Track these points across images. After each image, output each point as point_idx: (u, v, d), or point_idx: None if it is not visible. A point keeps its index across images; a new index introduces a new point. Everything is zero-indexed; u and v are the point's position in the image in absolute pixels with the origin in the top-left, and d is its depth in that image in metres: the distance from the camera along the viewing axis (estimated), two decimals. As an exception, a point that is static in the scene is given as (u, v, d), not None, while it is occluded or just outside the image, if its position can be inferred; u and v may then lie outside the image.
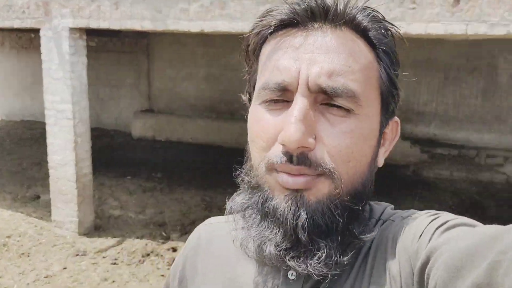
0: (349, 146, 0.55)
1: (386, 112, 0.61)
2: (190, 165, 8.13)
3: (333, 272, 0.55)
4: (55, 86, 4.95)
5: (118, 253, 4.75)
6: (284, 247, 0.55)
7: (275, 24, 0.58)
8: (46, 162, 5.24)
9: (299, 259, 0.55)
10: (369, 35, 0.59)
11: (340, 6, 0.58)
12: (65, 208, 5.08)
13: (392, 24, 0.62)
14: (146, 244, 4.96)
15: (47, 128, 5.09)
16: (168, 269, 4.42)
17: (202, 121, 9.76)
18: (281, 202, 0.56)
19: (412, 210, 0.61)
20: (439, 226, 0.53)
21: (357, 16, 0.58)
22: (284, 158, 0.54)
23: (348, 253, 0.56)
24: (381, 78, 0.59)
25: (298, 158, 0.54)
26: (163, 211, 6.03)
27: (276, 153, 0.55)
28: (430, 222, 0.54)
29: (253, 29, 0.61)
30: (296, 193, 0.55)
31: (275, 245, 0.55)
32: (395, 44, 0.61)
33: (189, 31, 4.16)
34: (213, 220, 0.79)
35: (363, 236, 0.57)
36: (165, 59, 10.38)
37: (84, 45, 5.02)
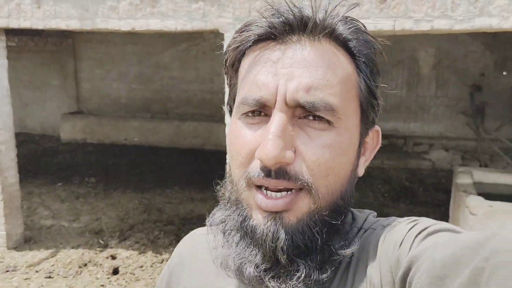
0: (328, 159, 0.55)
1: (366, 123, 0.61)
2: (126, 167, 7.88)
3: None
4: (-27, 91, 4.58)
5: (53, 265, 4.49)
6: (263, 268, 0.55)
7: (253, 39, 0.58)
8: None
9: (279, 280, 0.55)
10: (349, 46, 0.59)
11: (319, 17, 0.58)
12: (-9, 222, 4.73)
13: (373, 37, 0.62)
14: (83, 254, 4.74)
15: (-35, 136, 4.70)
16: (108, 278, 4.25)
17: (136, 122, 9.47)
18: (260, 223, 0.55)
19: (392, 218, 0.61)
20: (418, 233, 0.52)
21: (337, 28, 0.58)
22: (262, 173, 0.55)
23: (327, 269, 0.56)
24: (361, 89, 0.59)
25: (276, 173, 0.54)
26: (99, 218, 5.79)
27: (255, 168, 0.55)
28: (409, 230, 0.54)
29: (231, 44, 0.61)
30: (276, 214, 0.55)
31: (254, 267, 0.55)
32: (375, 54, 0.61)
33: (120, 30, 4.00)
34: (198, 232, 0.78)
35: (342, 251, 0.57)
36: (93, 58, 9.96)
37: (4, 46, 4.68)
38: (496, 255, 0.40)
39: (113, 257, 4.69)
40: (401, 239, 0.53)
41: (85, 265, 4.52)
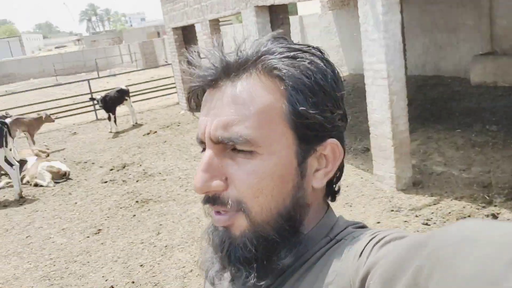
0: (254, 184, 0.62)
1: (305, 141, 0.64)
2: (537, 116, 6.91)
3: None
4: (372, 48, 5.15)
5: (432, 213, 4.68)
6: (219, 271, 0.67)
7: (196, 91, 0.69)
8: (368, 119, 5.59)
9: (229, 282, 0.68)
10: (276, 74, 0.62)
11: (243, 52, 0.64)
12: (384, 164, 5.35)
13: (314, 53, 0.66)
14: (464, 207, 4.68)
15: (366, 88, 5.41)
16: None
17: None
18: (217, 235, 0.66)
19: (362, 230, 0.64)
20: (376, 243, 0.56)
21: (261, 59, 0.63)
22: (204, 200, 0.65)
23: (268, 276, 0.64)
24: (287, 114, 0.62)
25: (212, 199, 0.64)
26: (490, 171, 5.47)
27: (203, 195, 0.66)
28: (369, 241, 0.57)
29: (188, 90, 0.71)
30: (225, 228, 0.65)
31: (215, 270, 0.67)
32: (313, 74, 0.63)
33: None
34: None
35: (283, 262, 0.63)
36: (510, -10, 8.91)
37: (397, 2, 4.96)
38: (435, 251, 0.41)
39: (495, 216, 4.40)
40: (361, 250, 0.57)
41: (464, 218, 4.46)
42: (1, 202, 7.19)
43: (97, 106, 12.17)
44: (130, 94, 11.98)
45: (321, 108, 0.64)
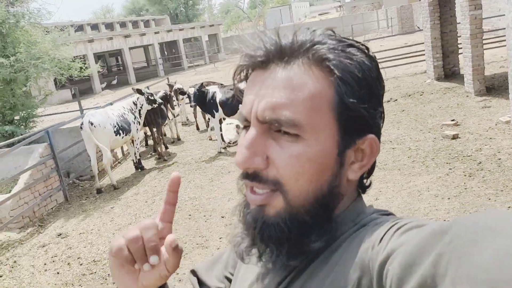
0: (295, 167, 0.63)
1: (348, 133, 0.65)
2: None
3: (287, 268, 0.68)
4: None
5: None
6: (249, 247, 0.69)
7: (247, 68, 0.70)
8: None
9: (260, 258, 0.69)
10: (326, 64, 0.64)
11: (296, 41, 0.65)
12: None
13: (362, 49, 0.67)
14: None
15: None
16: None
17: None
18: (249, 213, 0.68)
19: (385, 217, 0.66)
20: (398, 229, 0.56)
21: (313, 48, 0.64)
22: (243, 175, 0.68)
23: (298, 258, 0.66)
24: (334, 104, 0.64)
25: (251, 176, 0.66)
26: None
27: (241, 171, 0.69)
28: (391, 227, 0.58)
29: (235, 71, 0.73)
30: (260, 207, 0.67)
31: (245, 246, 0.69)
32: (360, 69, 0.64)
33: None
34: None
35: (312, 246, 0.65)
36: None
37: None
38: (455, 240, 0.42)
39: None
40: (382, 235, 0.58)
41: None
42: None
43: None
44: (378, 60, 11.97)
45: (366, 103, 0.65)
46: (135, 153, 8.65)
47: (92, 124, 7.40)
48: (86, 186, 8.40)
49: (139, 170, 8.69)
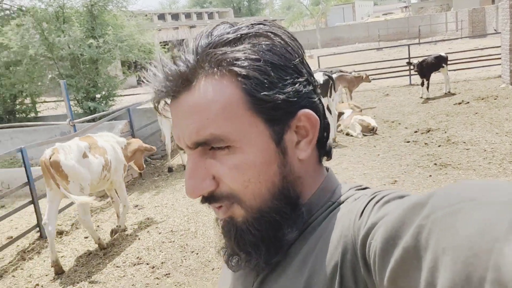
0: (240, 176, 0.64)
1: (276, 122, 0.64)
2: None
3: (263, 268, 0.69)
4: None
5: None
6: (230, 256, 0.72)
7: (157, 103, 0.69)
8: None
9: (238, 263, 0.71)
10: (225, 69, 0.63)
11: (188, 57, 0.64)
12: None
13: (255, 32, 0.65)
14: None
15: None
16: None
17: None
18: (223, 225, 0.70)
19: (362, 192, 0.65)
20: (377, 202, 0.57)
21: (207, 57, 0.63)
22: (202, 201, 0.68)
23: (279, 252, 0.67)
24: (249, 103, 0.63)
25: (208, 198, 0.67)
26: None
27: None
28: (369, 201, 0.59)
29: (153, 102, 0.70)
30: (230, 218, 0.68)
31: (227, 254, 0.72)
32: (260, 51, 0.63)
33: None
34: None
35: (287, 237, 0.66)
36: None
37: None
38: (435, 211, 0.43)
39: None
40: (362, 210, 0.58)
41: None
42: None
43: (412, 71, 12.46)
44: (448, 62, 11.72)
45: (280, 85, 0.64)
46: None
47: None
48: (158, 165, 8.82)
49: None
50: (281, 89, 0.63)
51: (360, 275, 0.55)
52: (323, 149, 0.72)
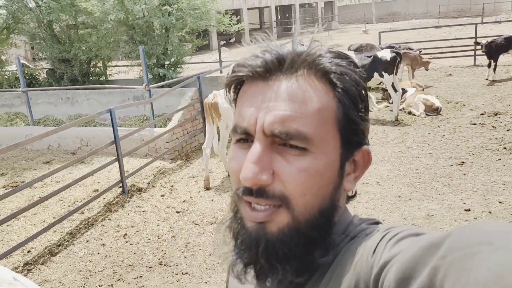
0: (304, 182, 0.62)
1: (348, 146, 0.66)
2: None
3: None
4: None
5: None
6: (245, 267, 0.66)
7: (243, 78, 0.68)
8: None
9: (259, 278, 0.66)
10: (330, 77, 0.64)
11: (299, 54, 0.64)
12: None
13: (353, 62, 0.68)
14: None
15: None
16: None
17: None
18: (248, 231, 0.65)
19: (375, 227, 0.66)
20: (390, 239, 0.56)
21: (317, 61, 0.64)
22: (246, 192, 0.64)
23: (305, 274, 0.65)
24: (338, 117, 0.64)
25: (257, 192, 0.63)
26: None
27: (242, 187, 0.65)
28: (382, 237, 0.58)
29: (228, 79, 0.70)
30: (260, 224, 0.64)
31: (243, 265, 0.66)
32: (358, 84, 0.66)
33: None
34: None
35: (321, 260, 0.64)
36: None
37: None
38: (451, 253, 0.42)
39: None
40: (375, 247, 0.57)
41: None
42: (380, 120, 8.59)
43: (478, 52, 12.08)
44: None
45: (363, 116, 0.67)
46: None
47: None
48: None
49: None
50: (363, 120, 0.67)
51: None
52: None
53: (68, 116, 9.68)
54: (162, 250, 4.61)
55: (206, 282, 4.01)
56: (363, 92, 0.67)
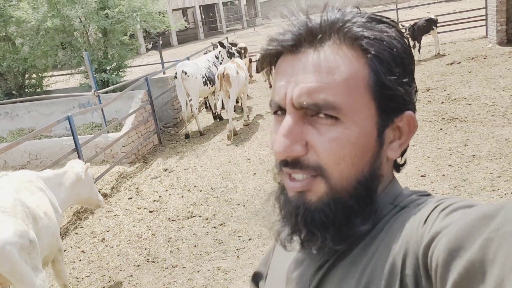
0: (336, 151, 0.62)
1: (386, 112, 0.65)
2: None
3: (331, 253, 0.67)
4: None
5: None
6: (290, 235, 0.68)
7: (274, 53, 0.69)
8: None
9: (304, 246, 0.68)
10: (360, 43, 0.63)
11: (327, 18, 0.65)
12: None
13: (392, 25, 0.66)
14: None
15: None
16: None
17: None
18: (289, 200, 0.67)
19: (426, 198, 0.65)
20: (442, 210, 0.56)
21: (345, 27, 0.64)
22: (282, 163, 0.66)
23: (345, 242, 0.65)
24: (371, 84, 0.63)
25: (291, 163, 0.65)
26: None
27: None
28: (434, 208, 0.57)
29: (261, 56, 0.71)
30: (300, 193, 0.66)
31: (287, 233, 0.68)
32: (393, 47, 0.64)
33: None
34: None
35: (359, 229, 0.64)
36: None
37: None
38: (506, 225, 0.42)
39: None
40: (426, 217, 0.57)
41: None
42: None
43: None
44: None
45: (401, 80, 0.64)
46: (215, 104, 9.32)
47: (185, 73, 8.09)
48: (172, 133, 9.15)
49: (218, 120, 9.39)
50: (401, 85, 0.64)
51: (421, 283, 0.54)
52: (396, 159, 0.72)
53: (9, 131, 9.18)
54: (146, 249, 4.64)
55: (198, 271, 4.11)
56: (401, 55, 0.65)
